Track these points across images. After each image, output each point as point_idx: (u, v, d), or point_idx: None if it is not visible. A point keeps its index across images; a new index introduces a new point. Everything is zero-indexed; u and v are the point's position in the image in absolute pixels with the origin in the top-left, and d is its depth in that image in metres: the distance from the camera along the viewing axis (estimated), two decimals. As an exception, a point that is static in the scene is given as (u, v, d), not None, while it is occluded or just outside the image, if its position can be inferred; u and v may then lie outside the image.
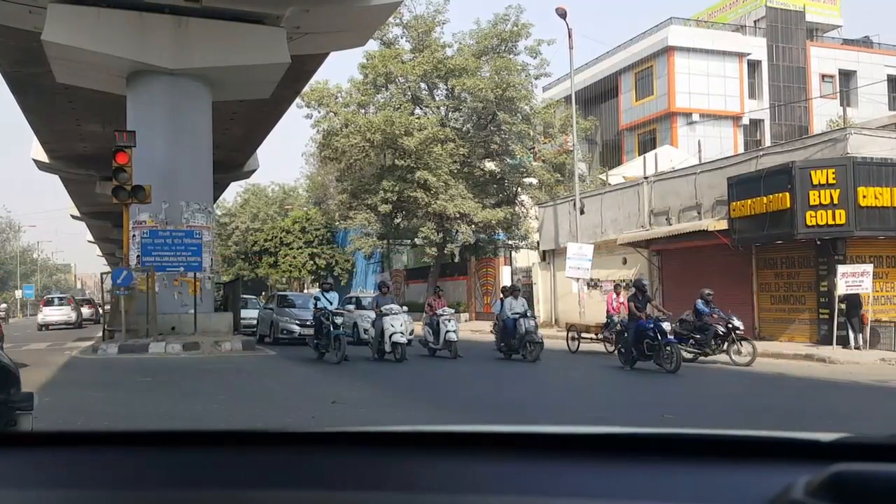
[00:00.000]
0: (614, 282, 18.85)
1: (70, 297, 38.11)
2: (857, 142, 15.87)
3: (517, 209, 30.55)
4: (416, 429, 1.25)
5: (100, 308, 27.75)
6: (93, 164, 29.73)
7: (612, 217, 22.93)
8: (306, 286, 42.97)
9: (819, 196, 15.33)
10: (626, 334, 12.66)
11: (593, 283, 22.78)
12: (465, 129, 30.03)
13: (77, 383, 11.33)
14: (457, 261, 33.93)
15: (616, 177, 29.23)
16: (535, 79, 30.18)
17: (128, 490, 1.05)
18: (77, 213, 46.46)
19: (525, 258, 31.43)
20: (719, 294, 14.38)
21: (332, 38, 19.65)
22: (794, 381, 11.16)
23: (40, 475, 1.14)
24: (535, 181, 30.43)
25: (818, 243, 16.04)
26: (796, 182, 15.51)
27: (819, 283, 16.33)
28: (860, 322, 14.82)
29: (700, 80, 35.47)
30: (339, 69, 79.04)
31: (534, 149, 31.09)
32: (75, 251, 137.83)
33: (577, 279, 21.65)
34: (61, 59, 17.56)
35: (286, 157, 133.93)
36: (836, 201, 15.21)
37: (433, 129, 27.29)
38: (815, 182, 15.36)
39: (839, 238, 15.71)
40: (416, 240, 32.92)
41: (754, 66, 37.09)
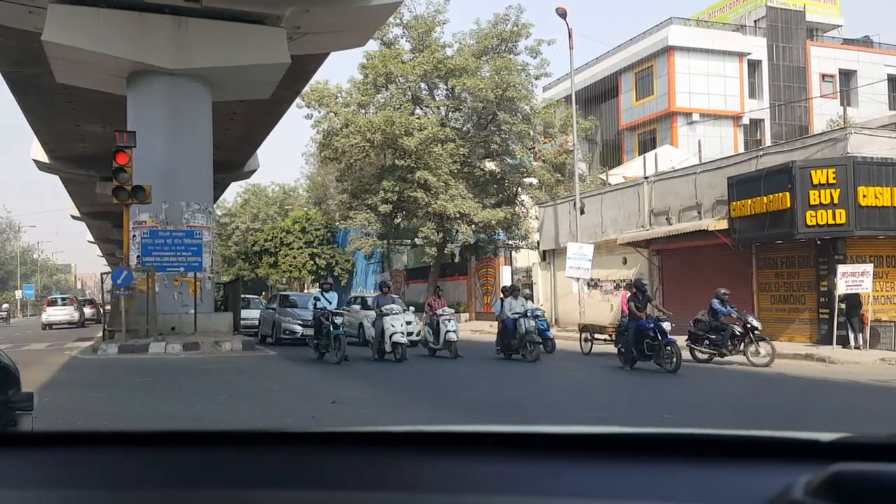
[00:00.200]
0: (621, 281, 18.79)
1: (73, 297, 38.54)
2: (858, 141, 15.88)
3: (517, 209, 30.54)
4: (416, 429, 1.25)
5: (101, 308, 27.83)
6: (93, 165, 29.73)
7: (612, 217, 22.93)
8: (306, 286, 42.93)
9: (819, 196, 15.33)
10: (627, 334, 12.67)
11: (593, 283, 22.79)
12: (465, 129, 30.02)
13: (77, 383, 11.33)
14: (457, 261, 33.93)
15: (616, 177, 29.25)
16: (536, 79, 30.19)
17: (128, 490, 1.05)
18: (77, 213, 46.42)
19: (525, 258, 31.42)
20: (719, 294, 14.35)
21: (333, 38, 19.65)
22: (794, 380, 11.16)
23: (40, 475, 1.14)
24: (535, 181, 30.43)
25: (818, 243, 16.03)
26: (796, 182, 15.52)
27: (819, 282, 16.33)
28: (860, 322, 14.81)
29: (700, 79, 35.46)
30: (339, 69, 79.18)
31: (534, 149, 31.07)
32: (75, 251, 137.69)
33: (578, 279, 21.66)
34: (61, 59, 17.57)
35: (286, 157, 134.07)
36: (836, 201, 15.21)
37: (433, 129, 27.28)
38: (816, 182, 15.37)
39: (839, 238, 15.71)
40: (416, 240, 32.89)
41: (754, 65, 37.09)
